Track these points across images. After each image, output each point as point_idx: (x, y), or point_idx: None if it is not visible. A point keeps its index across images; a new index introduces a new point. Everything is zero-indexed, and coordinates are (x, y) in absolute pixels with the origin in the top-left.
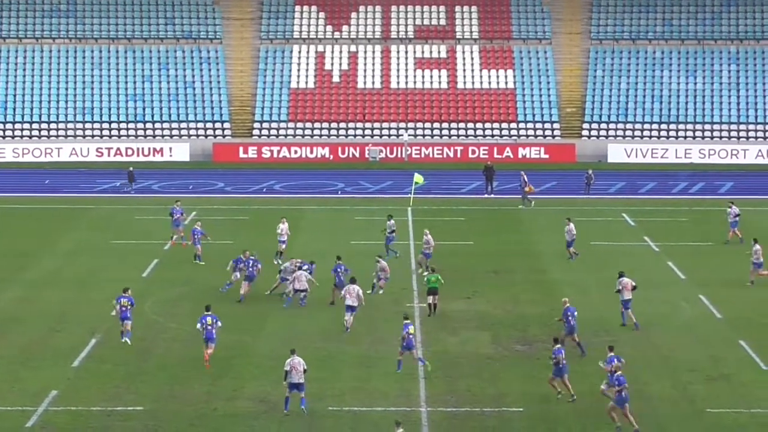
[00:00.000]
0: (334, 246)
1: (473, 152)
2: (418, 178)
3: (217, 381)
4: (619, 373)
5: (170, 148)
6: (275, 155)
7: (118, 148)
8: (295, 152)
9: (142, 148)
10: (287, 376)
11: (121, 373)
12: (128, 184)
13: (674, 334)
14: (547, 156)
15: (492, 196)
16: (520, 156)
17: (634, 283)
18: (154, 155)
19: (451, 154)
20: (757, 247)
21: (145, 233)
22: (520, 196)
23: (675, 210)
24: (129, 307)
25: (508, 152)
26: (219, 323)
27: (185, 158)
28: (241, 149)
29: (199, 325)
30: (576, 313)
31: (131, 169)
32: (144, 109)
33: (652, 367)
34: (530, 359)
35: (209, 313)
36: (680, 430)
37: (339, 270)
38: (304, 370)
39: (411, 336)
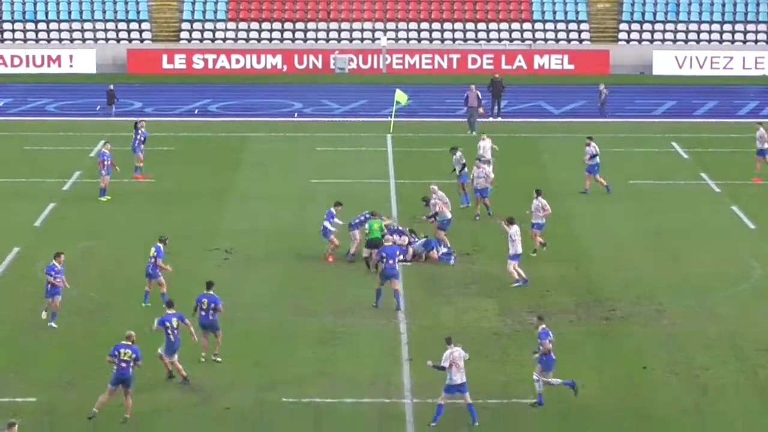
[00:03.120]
0: (288, 186)
1: (474, 62)
2: (400, 96)
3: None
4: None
5: (71, 56)
6: (210, 66)
7: (1, 56)
8: (237, 62)
9: (34, 57)
10: (449, 376)
11: (5, 355)
12: (107, 107)
13: (741, 302)
14: (571, 66)
15: (499, 119)
16: (536, 66)
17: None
18: (49, 65)
19: (444, 65)
20: None
21: (38, 169)
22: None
23: (741, 138)
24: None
25: (520, 61)
26: (220, 305)
27: (91, 69)
28: (164, 57)
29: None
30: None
31: (111, 87)
32: (35, 5)
33: (711, 345)
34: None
35: (208, 292)
36: (749, 428)
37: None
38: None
39: (392, 263)
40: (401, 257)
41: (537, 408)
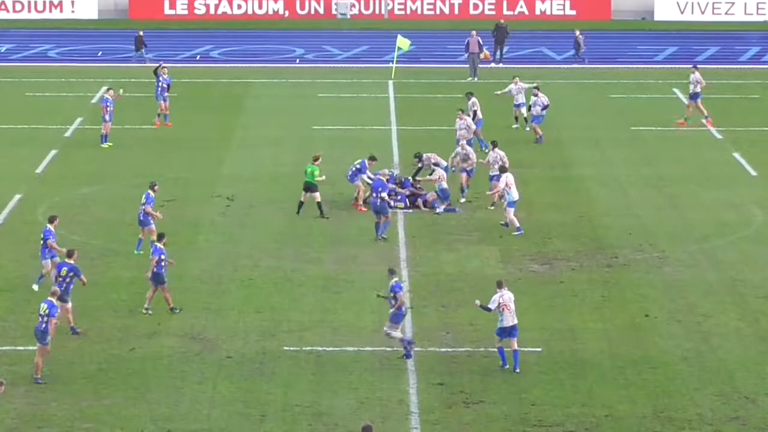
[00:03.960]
0: (289, 132)
1: (476, 7)
2: (402, 42)
3: (135, 312)
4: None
5: (72, 2)
6: (212, 11)
7: (3, 2)
8: (239, 7)
9: (36, 2)
10: (500, 318)
11: (6, 301)
12: (135, 53)
13: (742, 248)
14: (573, 12)
15: (501, 65)
16: (537, 12)
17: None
18: (50, 11)
19: (446, 10)
20: None
21: (40, 115)
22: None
23: (743, 84)
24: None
25: (521, 7)
26: (164, 257)
27: (92, 15)
28: (166, 3)
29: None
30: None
31: (141, 33)
32: None
33: (712, 292)
34: (551, 283)
35: (159, 244)
36: (751, 375)
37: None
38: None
39: (375, 197)
40: (387, 196)
41: (405, 360)
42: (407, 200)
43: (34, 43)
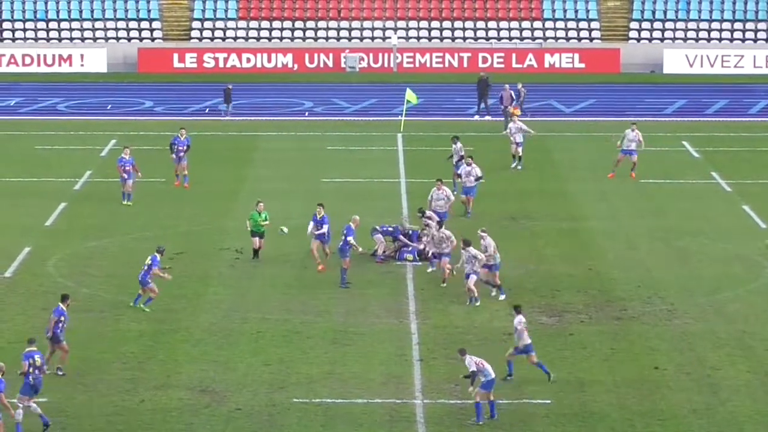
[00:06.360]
0: (298, 185)
1: (484, 60)
2: (410, 95)
3: (144, 364)
4: None
5: (81, 56)
6: (221, 64)
7: (12, 56)
8: (248, 61)
9: (45, 56)
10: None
11: (16, 354)
12: (224, 105)
13: (751, 301)
14: (582, 65)
15: (487, 117)
16: (546, 65)
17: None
18: (60, 65)
19: (455, 63)
20: None
21: (49, 168)
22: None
23: (752, 137)
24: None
25: (531, 60)
26: (63, 318)
27: (101, 68)
28: (175, 57)
29: None
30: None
31: (230, 86)
32: (47, 4)
33: (722, 345)
34: (560, 335)
35: (62, 305)
36: (761, 428)
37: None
38: None
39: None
40: (351, 238)
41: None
42: (416, 253)
43: (43, 96)
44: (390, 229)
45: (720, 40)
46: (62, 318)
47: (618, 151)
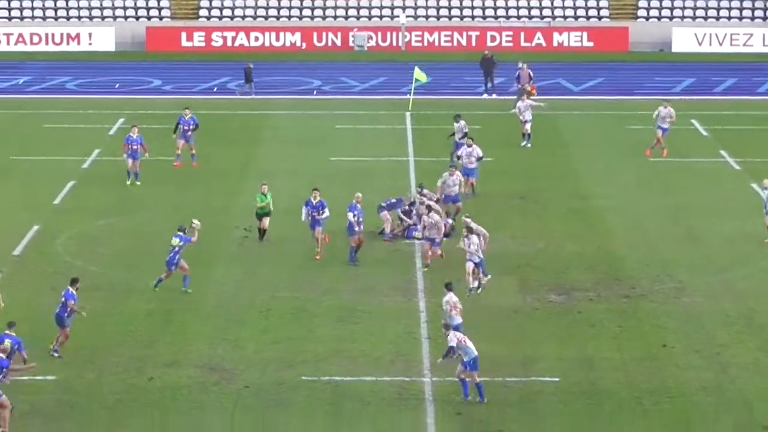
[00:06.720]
0: (307, 164)
1: (493, 39)
2: (419, 74)
3: (153, 342)
4: None
5: (90, 34)
6: (229, 43)
7: (21, 34)
8: (256, 39)
9: (53, 34)
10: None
11: (25, 333)
12: (245, 84)
13: (760, 279)
14: (590, 44)
15: (494, 96)
16: (555, 44)
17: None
18: (68, 43)
19: (464, 42)
20: None
21: (58, 147)
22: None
23: (761, 116)
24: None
25: (539, 39)
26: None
27: (109, 47)
28: (183, 35)
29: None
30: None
31: (250, 65)
32: None
33: (730, 323)
34: (569, 313)
35: (72, 289)
36: None
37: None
38: None
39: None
40: (350, 214)
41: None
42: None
43: (51, 75)
44: (393, 201)
45: (729, 18)
46: (72, 302)
47: (654, 129)
